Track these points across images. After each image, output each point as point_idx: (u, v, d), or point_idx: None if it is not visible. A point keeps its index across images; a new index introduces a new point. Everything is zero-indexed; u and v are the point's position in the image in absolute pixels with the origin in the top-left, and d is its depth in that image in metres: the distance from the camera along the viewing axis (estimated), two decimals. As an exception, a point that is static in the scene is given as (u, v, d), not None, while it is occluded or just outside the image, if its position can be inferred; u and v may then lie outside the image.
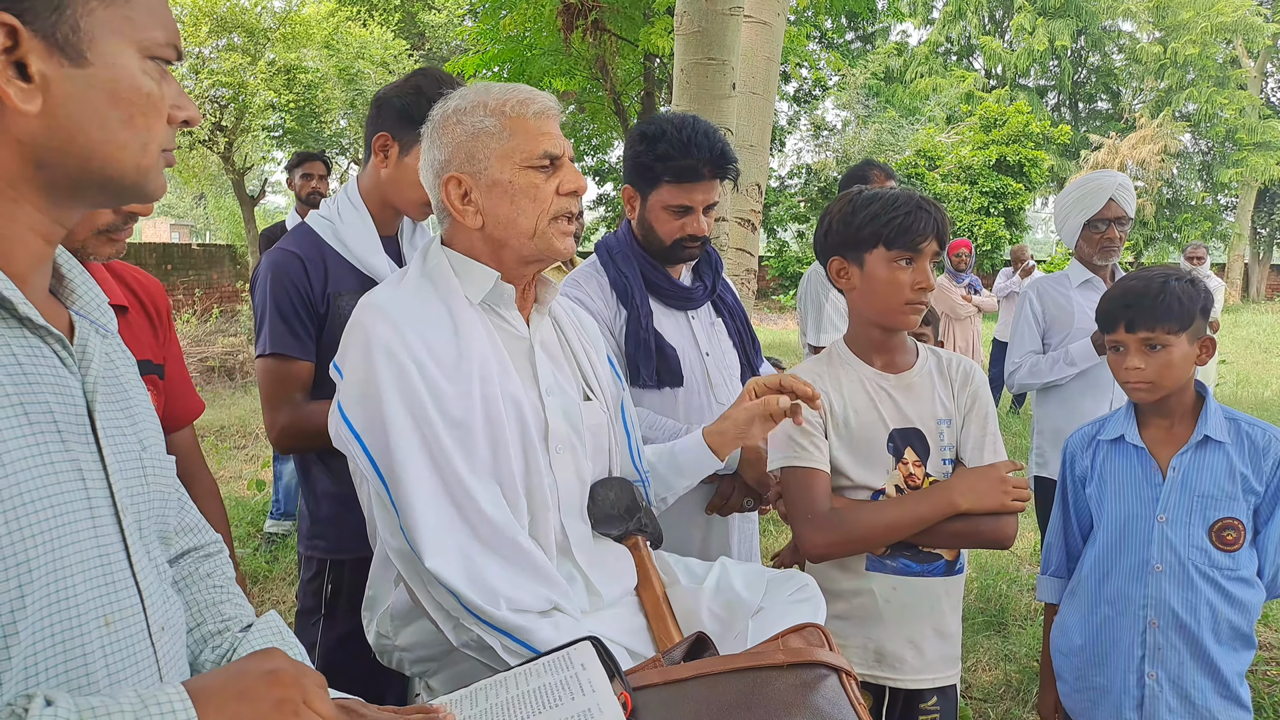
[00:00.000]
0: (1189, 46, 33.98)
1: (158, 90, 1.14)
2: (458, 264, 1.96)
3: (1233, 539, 2.48)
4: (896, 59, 38.38)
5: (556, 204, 1.91)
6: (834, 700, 1.43)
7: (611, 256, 2.83)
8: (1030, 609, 5.28)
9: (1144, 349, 2.52)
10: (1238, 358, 17.56)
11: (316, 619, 2.60)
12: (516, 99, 1.91)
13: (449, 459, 1.78)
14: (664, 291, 2.81)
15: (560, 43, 12.62)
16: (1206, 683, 2.50)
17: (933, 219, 2.29)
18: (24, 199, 1.10)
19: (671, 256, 2.79)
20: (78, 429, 1.13)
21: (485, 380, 1.85)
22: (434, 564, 1.73)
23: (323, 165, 6.50)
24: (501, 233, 1.92)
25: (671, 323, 2.82)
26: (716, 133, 2.71)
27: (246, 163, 22.87)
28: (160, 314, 2.20)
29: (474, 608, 1.73)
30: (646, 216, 2.76)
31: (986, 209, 27.88)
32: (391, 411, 1.78)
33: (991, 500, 2.27)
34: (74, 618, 1.07)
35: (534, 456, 1.90)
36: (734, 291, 3.10)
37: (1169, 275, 2.52)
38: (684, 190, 2.68)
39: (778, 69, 5.75)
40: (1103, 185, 4.06)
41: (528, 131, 1.89)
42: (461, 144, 1.91)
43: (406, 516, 1.76)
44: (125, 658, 1.13)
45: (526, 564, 1.80)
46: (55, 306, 1.22)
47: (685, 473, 2.29)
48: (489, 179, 1.90)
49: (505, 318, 2.00)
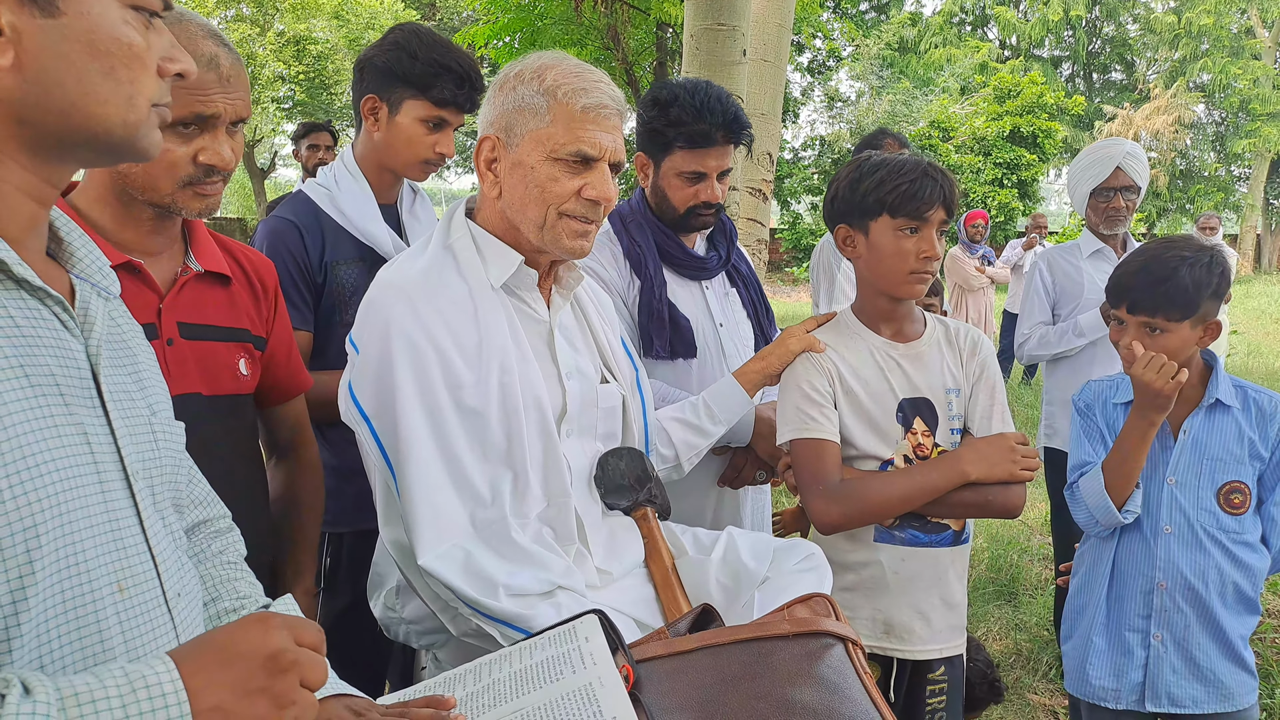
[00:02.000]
0: (1203, 16, 33.67)
1: (142, 41, 1.09)
2: (482, 241, 1.92)
3: (1239, 502, 2.51)
4: (911, 29, 38.02)
5: (574, 204, 1.84)
6: (840, 670, 1.42)
7: (625, 225, 2.78)
8: (1040, 579, 5.28)
9: (1143, 331, 2.50)
10: (1249, 328, 17.50)
11: (316, 593, 2.57)
12: (573, 86, 1.83)
13: (458, 451, 1.77)
14: (678, 261, 2.77)
15: (571, 11, 12.53)
16: (1212, 646, 2.52)
17: (940, 187, 2.26)
18: (8, 157, 1.07)
19: (685, 224, 2.74)
20: (82, 392, 1.10)
21: (505, 370, 1.82)
22: (426, 561, 1.72)
23: (329, 136, 6.45)
24: (514, 212, 1.89)
25: (685, 293, 2.78)
26: (730, 98, 2.67)
27: (256, 135, 22.87)
28: (266, 289, 2.19)
29: (470, 601, 1.72)
30: (660, 183, 2.72)
31: (1000, 180, 27.71)
32: (404, 400, 1.76)
33: (1001, 469, 2.25)
34: (85, 584, 1.04)
35: (551, 442, 1.88)
36: (749, 261, 3.07)
37: (1185, 259, 2.46)
38: (697, 156, 2.64)
39: (789, 36, 5.71)
40: (1111, 153, 4.03)
41: (569, 122, 1.82)
42: (507, 111, 1.87)
43: (408, 507, 1.75)
44: (141, 624, 1.10)
45: (524, 558, 1.78)
46: (54, 269, 1.18)
47: (718, 418, 2.33)
48: (516, 156, 1.86)
49: (526, 300, 1.97)
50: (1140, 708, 2.57)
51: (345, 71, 21.67)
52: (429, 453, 1.76)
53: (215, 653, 0.99)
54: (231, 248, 2.15)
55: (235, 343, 2.02)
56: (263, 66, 19.89)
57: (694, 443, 2.33)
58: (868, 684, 1.41)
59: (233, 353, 2.01)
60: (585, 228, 1.87)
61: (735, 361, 2.76)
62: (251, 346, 2.08)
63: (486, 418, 1.79)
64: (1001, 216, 27.29)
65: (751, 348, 2.88)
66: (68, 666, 1.02)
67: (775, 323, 3.06)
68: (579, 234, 1.87)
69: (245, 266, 2.15)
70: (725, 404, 2.35)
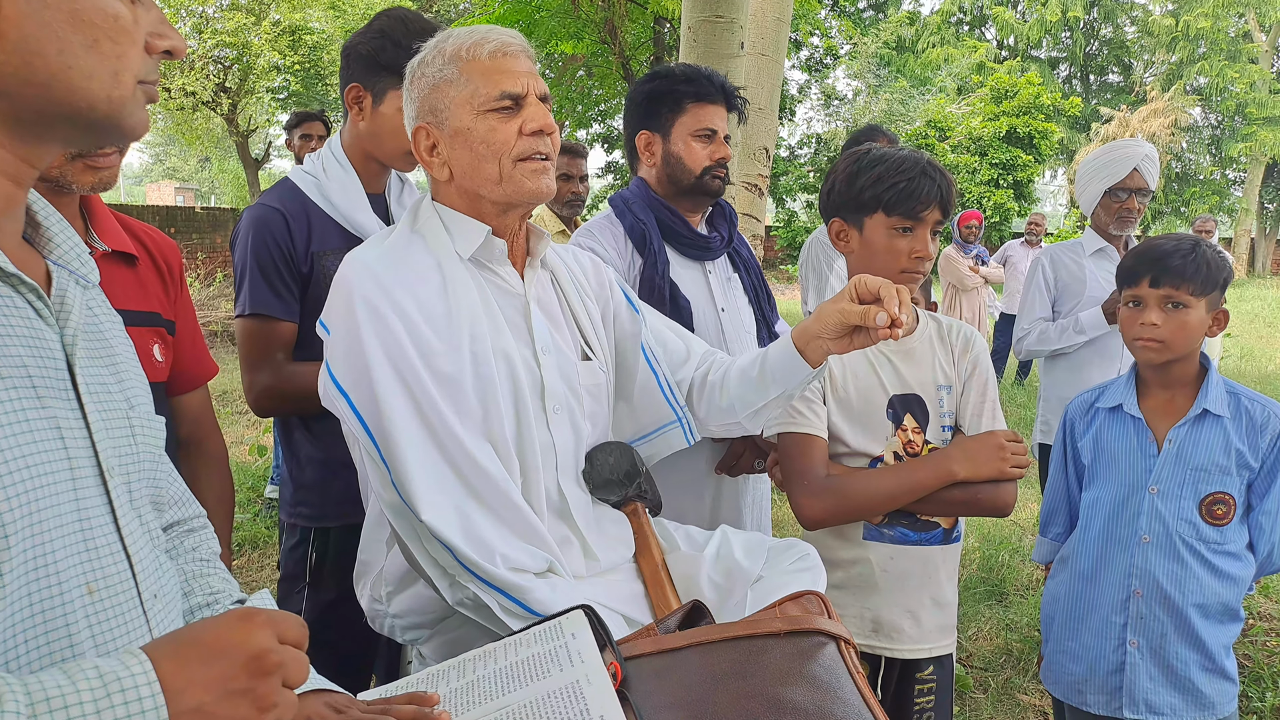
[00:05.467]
0: (1201, 19, 33.78)
1: (128, 14, 1.06)
2: (448, 219, 1.92)
3: (1222, 513, 2.49)
4: (908, 28, 38.09)
5: (521, 144, 1.83)
6: (832, 669, 1.39)
7: (627, 205, 2.79)
8: (1031, 579, 5.27)
9: (1163, 306, 2.50)
10: (1242, 332, 17.51)
11: (301, 586, 2.54)
12: (471, 41, 1.85)
13: (440, 414, 1.75)
14: (682, 239, 2.77)
15: (569, 4, 12.51)
16: (1191, 654, 2.51)
17: (937, 187, 2.24)
18: None
19: (701, 188, 2.75)
20: (56, 385, 1.06)
21: (475, 338, 1.81)
22: (429, 517, 1.69)
23: (322, 125, 6.34)
24: (469, 182, 1.88)
25: (688, 275, 2.78)
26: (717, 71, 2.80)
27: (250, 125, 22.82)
28: (172, 270, 2.14)
29: (470, 563, 1.69)
30: (672, 151, 2.74)
31: (996, 181, 27.76)
32: (377, 367, 1.74)
33: (990, 468, 2.24)
34: (53, 585, 1.00)
35: (526, 415, 1.86)
36: (749, 246, 3.06)
37: (1200, 241, 2.52)
38: (707, 112, 2.71)
39: (787, 30, 5.69)
40: (1129, 154, 4.03)
41: (484, 73, 1.83)
42: (425, 96, 1.88)
43: (399, 472, 1.72)
44: (113, 627, 1.06)
45: (521, 522, 1.77)
46: (30, 255, 1.14)
47: (776, 380, 2.05)
48: (451, 128, 1.86)
49: (499, 273, 1.95)
50: (1119, 715, 2.56)
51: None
52: (411, 418, 1.74)
53: (196, 650, 0.95)
54: (133, 227, 2.09)
55: (147, 327, 1.97)
56: (258, 56, 19.84)
57: (748, 404, 2.13)
58: (860, 684, 1.39)
59: (145, 339, 1.96)
60: (541, 164, 1.86)
61: (735, 346, 2.75)
62: (164, 331, 2.03)
63: (461, 385, 1.78)
64: (997, 217, 27.34)
65: (754, 334, 2.87)
66: (35, 672, 0.97)
67: (777, 309, 3.05)
68: (537, 172, 1.86)
69: (149, 246, 2.10)
70: (783, 370, 2.06)
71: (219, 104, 20.33)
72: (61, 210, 1.80)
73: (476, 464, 1.75)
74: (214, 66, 19.84)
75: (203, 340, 2.23)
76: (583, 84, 16.68)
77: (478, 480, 1.75)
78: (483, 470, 1.76)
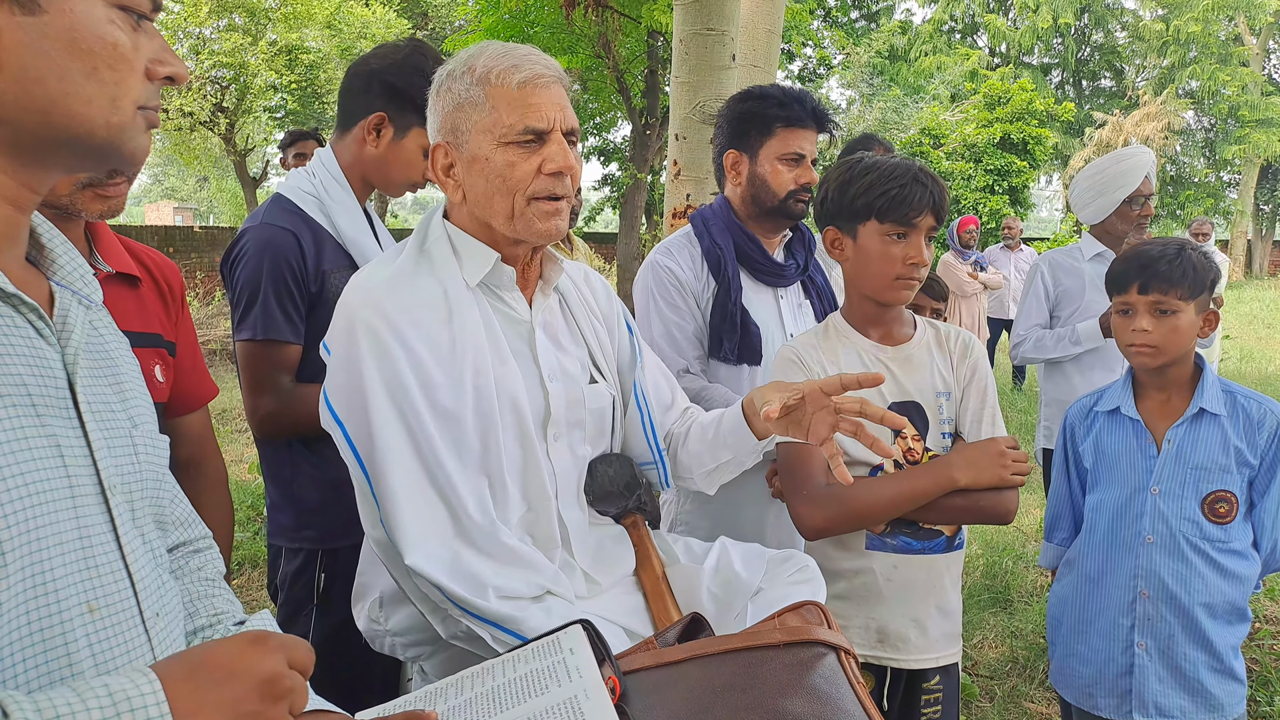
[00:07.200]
0: (1191, 24, 33.91)
1: (128, 41, 1.06)
2: (458, 241, 1.88)
3: (1225, 511, 2.50)
4: (901, 37, 38.14)
5: (537, 183, 1.78)
6: (832, 680, 1.38)
7: (706, 227, 2.82)
8: (1036, 585, 5.26)
9: (1153, 312, 2.52)
10: (1241, 333, 17.55)
11: (309, 610, 2.50)
12: (503, 66, 1.79)
13: (435, 451, 1.73)
14: (757, 265, 2.80)
15: (562, 20, 12.53)
16: (1199, 655, 2.51)
17: (929, 193, 2.24)
18: None
19: (784, 211, 2.79)
20: (57, 404, 1.06)
21: (479, 371, 1.78)
22: (414, 560, 1.68)
23: (316, 144, 6.31)
24: (481, 211, 1.84)
25: (760, 299, 2.80)
26: (811, 93, 2.82)
27: (248, 144, 22.87)
28: (174, 291, 2.13)
29: (460, 600, 1.68)
30: (758, 173, 2.78)
31: (991, 187, 27.73)
32: (375, 400, 1.72)
33: (990, 475, 2.22)
34: (53, 604, 1.00)
35: (531, 448, 1.84)
36: (825, 273, 3.08)
37: (1185, 244, 2.54)
38: (795, 136, 2.75)
39: (779, 42, 5.69)
40: (1141, 161, 4.10)
41: (510, 103, 1.77)
42: (449, 113, 1.84)
43: (388, 509, 1.71)
44: (114, 645, 1.06)
45: (513, 559, 1.75)
46: (34, 276, 1.15)
47: (727, 445, 2.07)
48: (470, 153, 1.81)
49: (505, 300, 1.92)
50: (1128, 719, 2.55)
51: (337, 80, 21.65)
52: (406, 455, 1.72)
53: (208, 671, 0.95)
54: (135, 249, 2.10)
55: (149, 348, 1.97)
56: (255, 76, 19.87)
57: (701, 465, 2.14)
58: (861, 694, 1.38)
59: (147, 360, 1.95)
60: (555, 206, 1.81)
61: None
62: (165, 352, 2.03)
63: (461, 420, 1.75)
64: (993, 223, 27.32)
65: None
66: (34, 691, 0.97)
67: None
68: (550, 214, 1.81)
69: (151, 268, 2.10)
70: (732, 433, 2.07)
71: (216, 124, 20.38)
72: (67, 234, 1.82)
73: (467, 508, 1.73)
74: (211, 87, 19.90)
75: (203, 362, 2.23)
76: (578, 98, 16.73)
77: (467, 523, 1.74)
78: (472, 515, 1.74)
